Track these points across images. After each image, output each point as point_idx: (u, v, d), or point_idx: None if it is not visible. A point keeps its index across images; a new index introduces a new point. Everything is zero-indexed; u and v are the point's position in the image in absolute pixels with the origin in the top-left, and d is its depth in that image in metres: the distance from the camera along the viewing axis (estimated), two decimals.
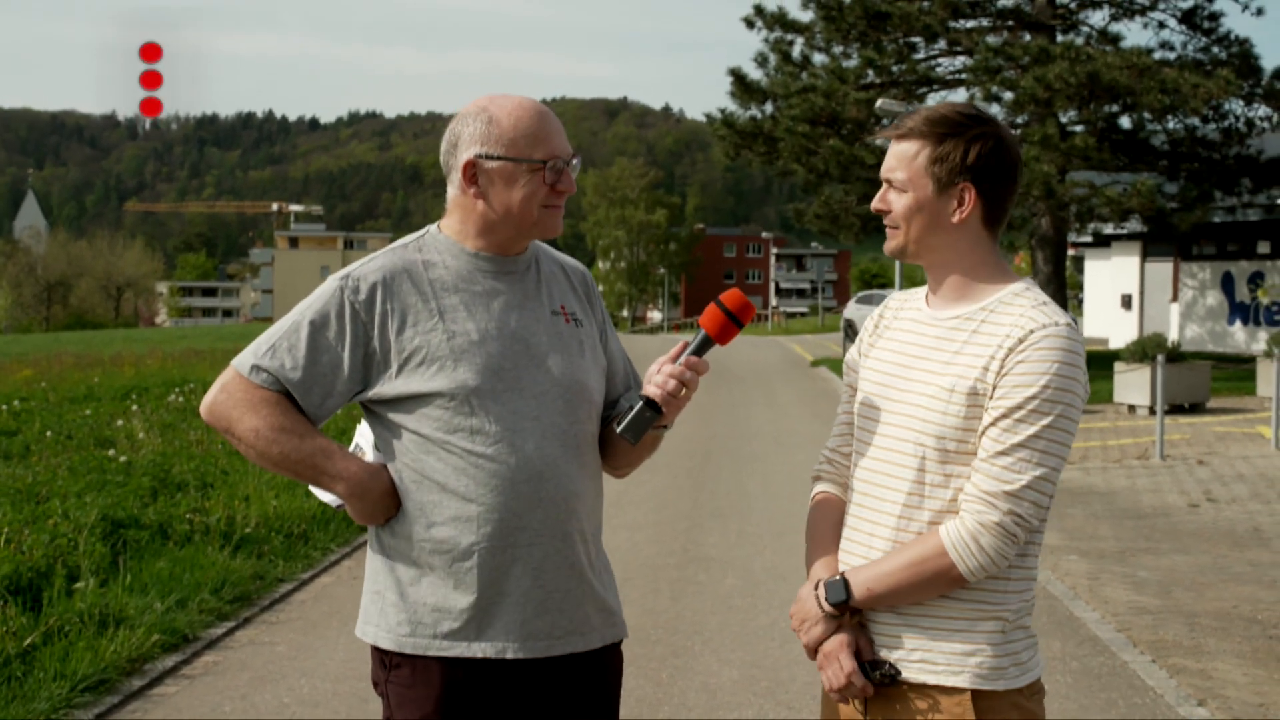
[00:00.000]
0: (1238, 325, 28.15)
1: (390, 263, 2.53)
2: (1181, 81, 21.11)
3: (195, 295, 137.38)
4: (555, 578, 2.49)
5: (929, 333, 2.44)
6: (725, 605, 7.14)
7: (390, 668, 2.51)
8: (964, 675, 2.30)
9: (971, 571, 2.27)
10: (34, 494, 9.08)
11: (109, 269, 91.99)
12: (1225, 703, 5.55)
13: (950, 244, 2.41)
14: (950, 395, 2.32)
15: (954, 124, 2.37)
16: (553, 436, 2.50)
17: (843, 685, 2.35)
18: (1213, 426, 15.87)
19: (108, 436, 13.21)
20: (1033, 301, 2.35)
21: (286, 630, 6.70)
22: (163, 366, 25.86)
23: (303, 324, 2.49)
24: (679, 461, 13.00)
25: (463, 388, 2.44)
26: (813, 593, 2.41)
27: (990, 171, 2.37)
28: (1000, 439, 2.27)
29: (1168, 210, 23.03)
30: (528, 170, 2.48)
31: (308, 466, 2.48)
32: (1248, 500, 10.69)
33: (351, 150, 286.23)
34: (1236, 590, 7.59)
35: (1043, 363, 2.26)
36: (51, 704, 5.23)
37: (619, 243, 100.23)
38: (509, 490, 2.45)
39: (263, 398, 2.46)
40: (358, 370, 2.49)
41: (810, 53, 26.38)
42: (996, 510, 2.26)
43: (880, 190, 2.47)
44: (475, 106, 2.53)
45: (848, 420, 2.58)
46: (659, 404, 2.44)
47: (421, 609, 2.47)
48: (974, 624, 2.32)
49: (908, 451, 2.37)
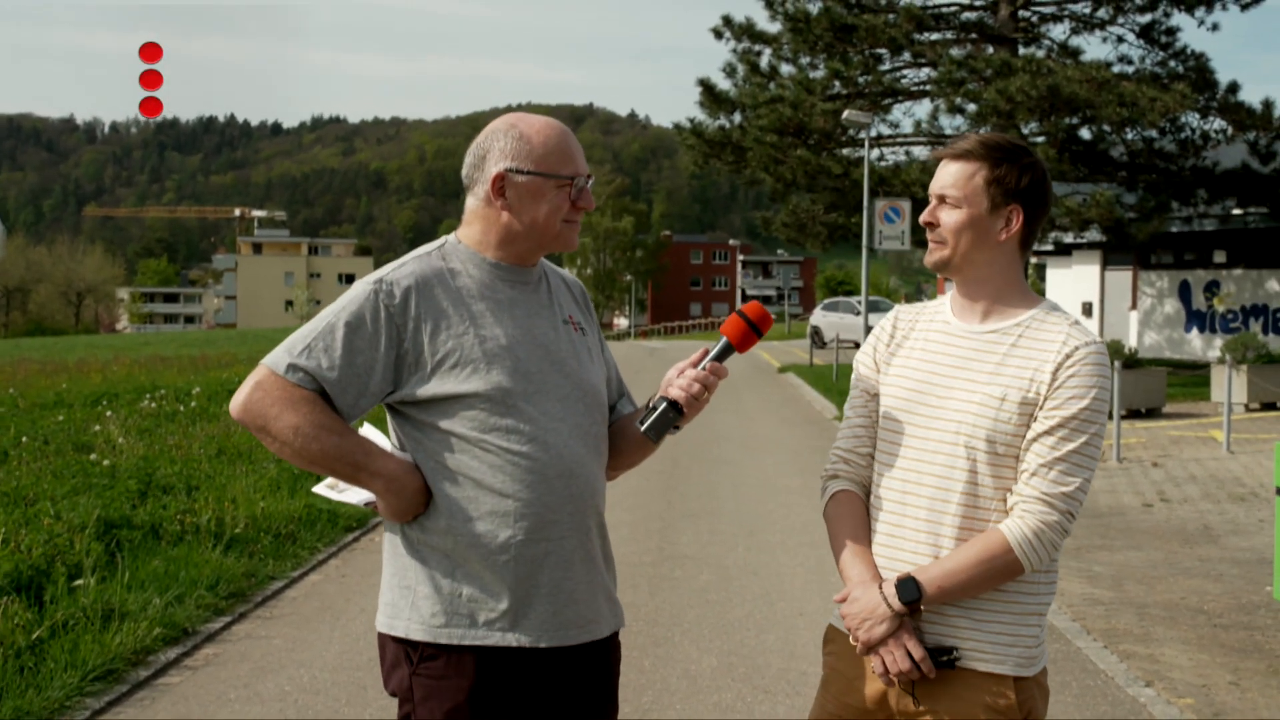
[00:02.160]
0: (1194, 333, 28.78)
1: (420, 269, 2.63)
2: (1139, 95, 21.64)
3: (157, 301, 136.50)
4: (580, 570, 2.64)
5: (964, 344, 2.64)
6: (701, 599, 7.47)
7: (421, 660, 2.57)
8: (1008, 663, 2.53)
9: (1033, 566, 2.51)
10: (21, 497, 9.30)
11: (69, 275, 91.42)
12: (1170, 683, 5.93)
13: (991, 260, 2.62)
14: (1002, 403, 2.53)
15: (1009, 150, 2.61)
16: (578, 436, 2.65)
17: (908, 669, 2.51)
18: (1168, 431, 16.36)
19: (85, 441, 13.36)
20: (1068, 320, 2.61)
21: (281, 625, 6.97)
22: (130, 373, 25.90)
23: (338, 325, 2.56)
24: (650, 464, 13.28)
25: (498, 389, 2.56)
26: (876, 592, 2.56)
27: (1036, 198, 2.62)
28: (1057, 446, 2.50)
29: (1126, 220, 23.56)
30: (555, 186, 2.63)
31: (347, 464, 2.56)
32: (1199, 500, 11.13)
33: (315, 155, 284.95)
34: (1185, 583, 7.98)
35: (1091, 377, 2.52)
36: (65, 692, 5.49)
37: (585, 249, 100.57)
38: (543, 486, 2.57)
39: (301, 396, 2.53)
40: (390, 371, 2.58)
41: (778, 63, 26.81)
42: (1055, 511, 2.50)
43: (929, 206, 2.66)
44: (504, 123, 2.67)
45: (865, 423, 2.74)
46: (682, 406, 2.61)
47: (457, 600, 2.56)
48: (1020, 617, 2.55)
49: (959, 455, 2.56)
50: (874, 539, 2.67)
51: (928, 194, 2.70)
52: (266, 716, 5.44)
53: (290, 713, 5.47)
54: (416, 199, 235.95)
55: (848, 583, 2.64)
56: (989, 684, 2.53)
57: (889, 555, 2.62)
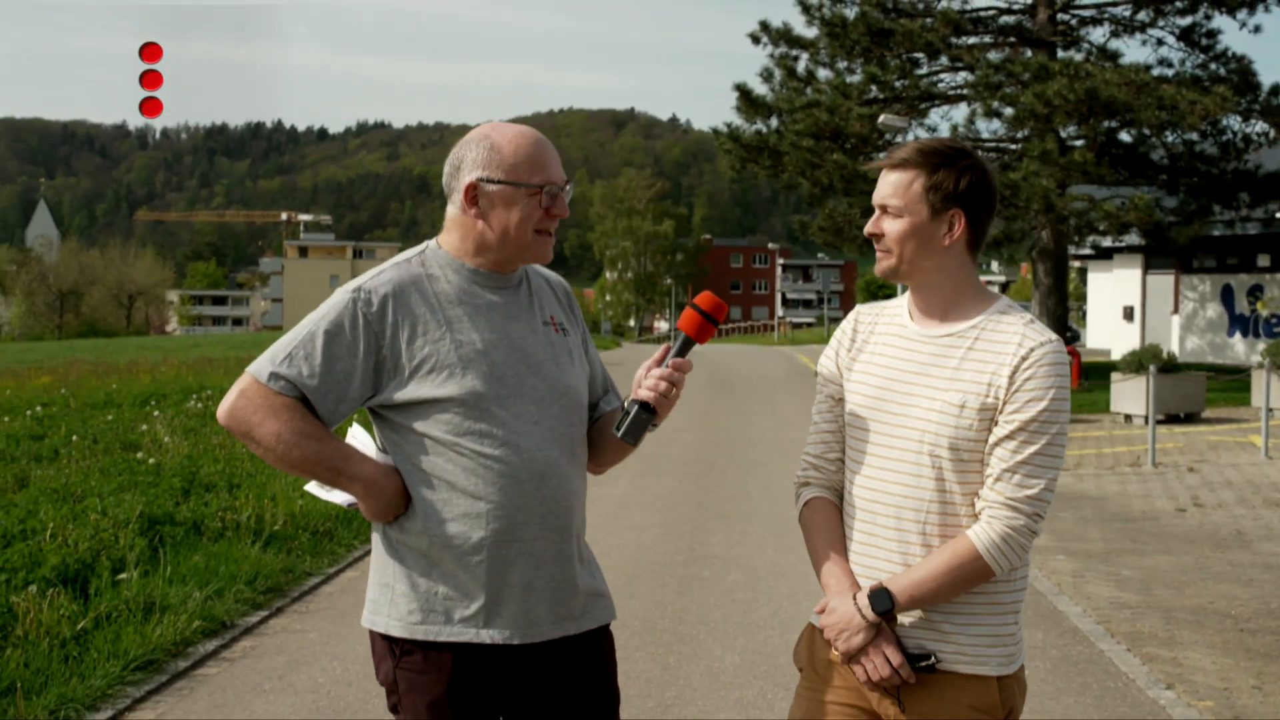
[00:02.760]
0: (1237, 337, 28.56)
1: (398, 276, 2.70)
2: (1179, 98, 21.54)
3: (206, 304, 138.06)
4: (554, 569, 2.69)
5: (922, 349, 2.64)
6: (728, 599, 7.57)
7: (401, 655, 2.67)
8: (990, 664, 2.56)
9: (1002, 570, 2.52)
10: (70, 493, 9.55)
11: (120, 278, 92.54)
12: (1192, 686, 5.97)
13: (939, 266, 2.62)
14: (961, 410, 2.54)
15: (946, 155, 2.60)
16: (552, 439, 2.70)
17: (888, 675, 2.53)
18: (1206, 436, 16.28)
19: (133, 440, 13.65)
20: (1023, 320, 2.60)
21: (316, 619, 7.14)
22: (178, 374, 26.30)
23: (317, 333, 2.64)
24: (685, 467, 13.45)
25: (472, 393, 2.62)
26: (851, 605, 2.57)
27: (977, 200, 2.61)
28: (1018, 450, 2.50)
29: (1165, 224, 23.43)
30: (525, 194, 2.67)
31: (326, 468, 2.64)
32: (1233, 506, 11.11)
33: (360, 160, 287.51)
34: (1214, 588, 8.00)
35: (1049, 378, 2.51)
36: (107, 681, 5.68)
37: (626, 253, 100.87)
38: (515, 489, 2.64)
39: (282, 403, 2.61)
40: (369, 377, 2.65)
41: (815, 68, 26.89)
42: (1021, 515, 2.50)
43: (873, 217, 2.67)
44: (478, 134, 2.73)
45: (831, 428, 2.76)
46: (652, 405, 2.65)
47: (433, 598, 2.65)
48: (997, 617, 2.58)
49: (924, 464, 2.57)
50: (850, 546, 2.68)
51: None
52: (300, 707, 5.60)
53: (323, 703, 5.63)
54: None
55: (826, 591, 2.66)
56: (973, 685, 2.56)
57: (865, 563, 2.64)
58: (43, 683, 5.54)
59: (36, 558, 7.04)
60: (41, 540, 7.43)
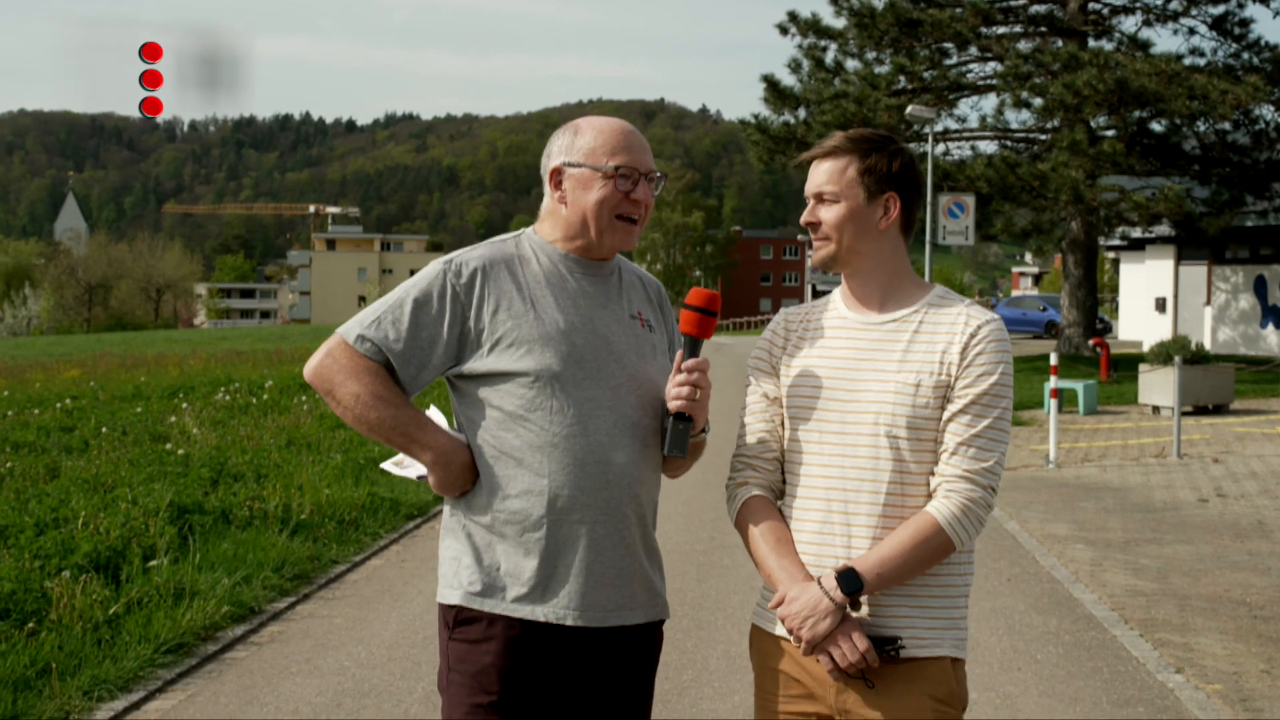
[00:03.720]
0: (1270, 328, 28.37)
1: (491, 253, 2.77)
2: (1210, 88, 21.44)
3: (234, 297, 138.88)
4: (612, 555, 2.70)
5: (865, 336, 2.67)
6: (748, 586, 7.67)
7: (456, 624, 2.70)
8: (945, 644, 2.58)
9: (963, 543, 2.55)
10: (101, 483, 9.74)
11: (148, 271, 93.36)
12: (1201, 670, 6.04)
13: (875, 250, 2.67)
14: (917, 390, 2.57)
15: (875, 141, 2.66)
16: (623, 426, 2.71)
17: (856, 660, 2.51)
18: (1233, 427, 16.24)
19: (162, 432, 13.87)
20: (964, 301, 2.67)
21: (342, 605, 7.28)
22: (206, 366, 26.58)
23: (407, 300, 2.71)
24: (709, 459, 13.42)
25: (547, 370, 2.66)
26: (814, 588, 2.54)
27: (908, 182, 2.67)
28: (972, 424, 2.55)
29: (1196, 215, 23.31)
30: (602, 176, 2.72)
31: (400, 434, 2.70)
32: (1256, 496, 11.12)
33: (388, 152, 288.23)
34: (1231, 576, 8.04)
35: (997, 354, 2.58)
36: (139, 663, 5.83)
37: (655, 245, 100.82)
38: (578, 470, 2.66)
39: (365, 366, 2.68)
40: (453, 347, 2.71)
41: (843, 59, 26.89)
42: (979, 487, 2.54)
43: (808, 207, 2.70)
44: (570, 124, 2.83)
45: (768, 427, 2.76)
46: (686, 414, 2.70)
47: (494, 572, 2.68)
48: (952, 600, 2.60)
49: (882, 444, 2.58)
50: (798, 539, 2.66)
51: (805, 197, 2.73)
52: (326, 689, 5.74)
53: (348, 685, 5.76)
54: (488, 195, 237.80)
55: (778, 585, 2.60)
56: (929, 669, 2.57)
57: (818, 553, 2.62)
58: (76, 665, 5.70)
59: (69, 545, 7.21)
60: (74, 528, 7.61)
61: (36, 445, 12.66)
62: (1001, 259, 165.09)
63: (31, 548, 7.15)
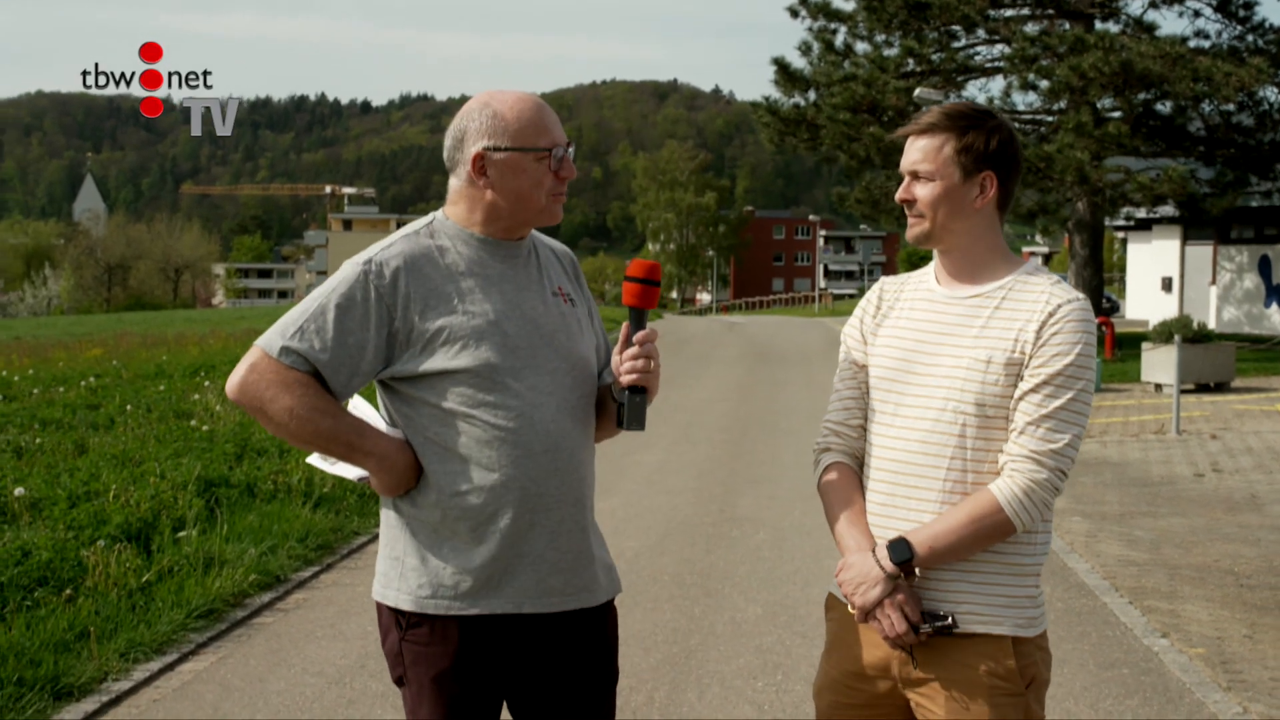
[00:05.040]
0: (1274, 308, 28.54)
1: (409, 248, 2.66)
2: (1214, 70, 21.56)
3: (251, 277, 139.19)
4: (568, 540, 2.68)
5: (949, 311, 2.65)
6: (754, 556, 7.97)
7: (407, 627, 2.66)
8: (1006, 624, 2.54)
9: (1025, 525, 2.51)
10: (129, 459, 10.07)
11: (167, 251, 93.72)
12: (1186, 635, 6.34)
13: (970, 228, 2.63)
14: (988, 366, 2.54)
15: (973, 117, 2.62)
16: (565, 410, 2.69)
17: (903, 632, 2.52)
18: (1234, 404, 16.48)
19: (185, 409, 14.18)
20: (1050, 280, 2.62)
21: (364, 574, 7.60)
22: (226, 345, 26.85)
23: (329, 307, 2.60)
24: (718, 435, 13.85)
25: (486, 365, 2.60)
26: (870, 557, 2.56)
27: (1006, 160, 2.63)
28: (1043, 404, 2.50)
29: (1200, 195, 23.47)
30: (534, 159, 2.65)
31: (341, 444, 2.61)
32: (1250, 471, 11.38)
33: (403, 133, 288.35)
34: (1222, 548, 8.32)
35: (1075, 334, 2.52)
36: (171, 628, 6.17)
37: (668, 225, 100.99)
38: (529, 461, 2.61)
39: (294, 378, 2.57)
40: (382, 350, 2.62)
41: (852, 41, 27.01)
42: (1044, 469, 2.50)
43: (904, 183, 2.67)
44: (477, 103, 2.69)
45: (854, 395, 2.76)
46: (640, 386, 2.69)
47: (443, 572, 2.62)
48: (1015, 578, 2.57)
49: (947, 420, 2.57)
50: (869, 508, 2.67)
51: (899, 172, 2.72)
52: (350, 651, 6.06)
53: (371, 649, 6.08)
54: None
55: (844, 551, 2.65)
56: (988, 646, 2.54)
57: (884, 524, 2.63)
58: (113, 629, 6.03)
59: (101, 516, 7.55)
60: (105, 501, 7.93)
61: (63, 422, 12.98)
62: (1012, 239, 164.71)
63: (65, 519, 7.49)
